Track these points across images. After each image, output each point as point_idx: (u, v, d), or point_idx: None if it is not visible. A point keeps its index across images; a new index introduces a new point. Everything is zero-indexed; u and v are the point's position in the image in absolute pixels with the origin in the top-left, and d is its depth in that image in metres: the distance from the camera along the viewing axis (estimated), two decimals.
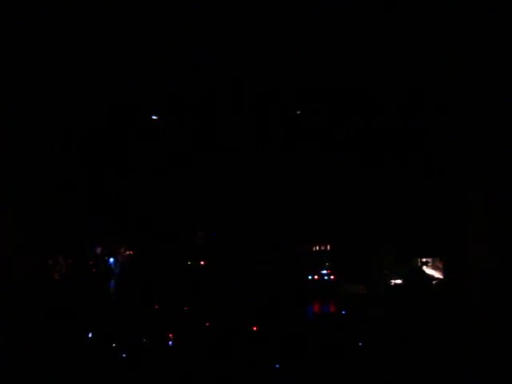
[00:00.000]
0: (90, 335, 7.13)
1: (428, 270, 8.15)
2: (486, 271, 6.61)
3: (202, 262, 8.46)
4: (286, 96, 7.85)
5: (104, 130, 7.77)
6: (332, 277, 8.55)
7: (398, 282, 8.22)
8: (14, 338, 6.42)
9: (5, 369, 5.97)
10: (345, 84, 7.46)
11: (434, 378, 5.76)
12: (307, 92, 7.75)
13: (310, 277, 8.59)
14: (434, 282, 8.01)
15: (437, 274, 8.06)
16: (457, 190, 7.43)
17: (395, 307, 7.73)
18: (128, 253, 8.21)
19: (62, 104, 7.27)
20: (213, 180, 8.58)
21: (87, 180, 7.92)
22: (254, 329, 7.61)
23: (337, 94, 7.67)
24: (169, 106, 7.87)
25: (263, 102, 7.92)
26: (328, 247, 8.76)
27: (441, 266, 7.95)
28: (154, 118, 8.14)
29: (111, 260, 8.06)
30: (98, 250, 8.05)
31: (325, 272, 8.60)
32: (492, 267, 6.64)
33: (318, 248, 8.81)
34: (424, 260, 8.29)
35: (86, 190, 7.95)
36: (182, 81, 7.38)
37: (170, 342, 7.39)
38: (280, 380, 6.41)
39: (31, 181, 7.13)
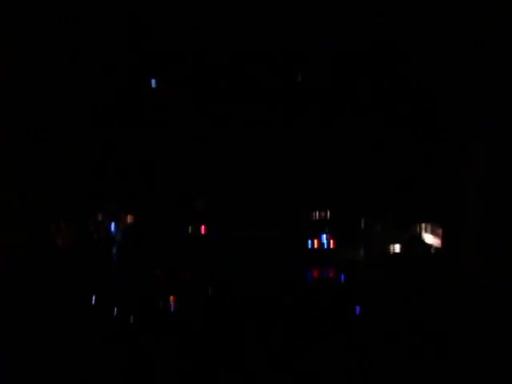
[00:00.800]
0: (93, 300, 7.25)
1: (427, 238, 8.19)
2: (486, 240, 6.65)
3: (202, 227, 8.50)
4: (283, 59, 7.79)
5: (103, 91, 7.71)
6: (331, 243, 8.61)
7: (397, 247, 8.28)
8: (16, 304, 6.51)
9: (7, 335, 6.08)
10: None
11: (431, 347, 5.88)
12: (304, 54, 7.70)
13: (309, 242, 8.64)
14: (432, 249, 8.07)
15: (436, 241, 8.10)
16: (456, 150, 7.40)
17: (394, 274, 7.83)
18: (129, 219, 8.24)
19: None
20: (213, 144, 8.54)
21: (88, 145, 7.89)
22: (254, 292, 7.73)
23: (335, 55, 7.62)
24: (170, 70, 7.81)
25: (259, 66, 7.85)
26: (328, 214, 8.78)
27: (440, 232, 7.99)
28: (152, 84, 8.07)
29: (112, 226, 8.10)
30: (100, 217, 8.07)
31: (324, 238, 8.64)
32: (492, 234, 6.67)
33: (317, 214, 8.83)
34: (424, 226, 8.32)
35: (86, 155, 7.93)
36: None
37: (172, 307, 7.52)
38: (279, 346, 6.55)
39: (32, 146, 7.11)
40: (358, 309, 7.16)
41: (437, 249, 8.03)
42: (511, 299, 6.12)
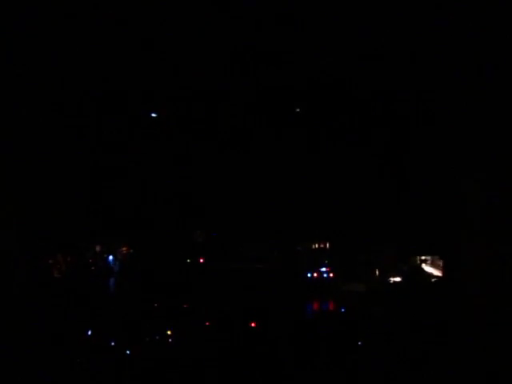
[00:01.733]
0: (89, 332, 7.13)
1: (427, 268, 8.16)
2: (486, 269, 6.60)
3: (201, 260, 8.46)
4: (284, 93, 7.88)
5: (102, 127, 7.76)
6: (331, 275, 8.56)
7: (398, 279, 8.22)
8: (15, 334, 6.40)
9: (6, 367, 5.95)
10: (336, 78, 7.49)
11: (433, 376, 5.77)
12: (303, 89, 7.78)
13: (309, 275, 8.59)
14: (433, 280, 8.02)
15: (436, 272, 8.06)
16: (454, 188, 7.42)
17: (395, 305, 7.74)
18: (127, 250, 8.20)
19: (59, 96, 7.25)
20: (212, 178, 8.57)
21: (85, 179, 7.91)
22: (253, 325, 7.62)
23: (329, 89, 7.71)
24: (168, 100, 7.88)
25: (260, 98, 7.93)
26: (327, 245, 8.77)
27: (440, 263, 7.95)
28: (153, 115, 8.12)
29: (110, 258, 8.05)
30: (98, 248, 8.04)
31: (324, 270, 8.60)
32: (492, 265, 6.63)
33: (317, 246, 8.81)
34: (423, 258, 8.30)
35: (85, 190, 7.94)
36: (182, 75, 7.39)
37: (170, 340, 7.39)
38: (280, 379, 6.41)
39: (30, 182, 7.11)
40: (359, 341, 7.04)
41: (437, 279, 7.98)
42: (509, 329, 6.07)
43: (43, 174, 7.34)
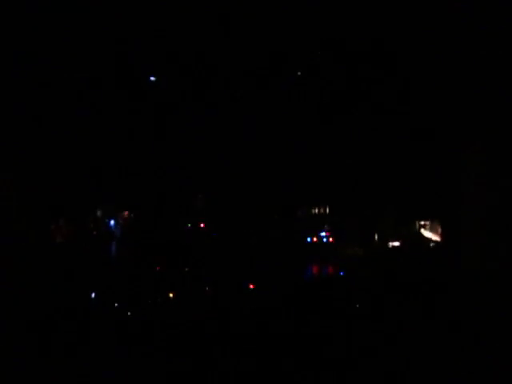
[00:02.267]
0: (92, 295, 7.26)
1: (426, 233, 8.22)
2: (486, 234, 6.65)
3: (201, 225, 8.51)
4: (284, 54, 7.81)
5: (100, 89, 7.71)
6: (330, 239, 8.62)
7: (396, 244, 8.30)
8: (16, 299, 6.50)
9: (6, 330, 6.07)
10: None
11: (430, 342, 5.88)
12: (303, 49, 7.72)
13: (308, 239, 8.65)
14: (431, 245, 8.09)
15: (435, 237, 8.13)
16: (453, 148, 7.41)
17: (393, 268, 7.84)
18: (128, 215, 8.25)
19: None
20: (212, 141, 8.55)
21: (85, 144, 7.89)
22: (252, 287, 7.73)
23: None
24: (168, 63, 7.81)
25: (261, 61, 7.86)
26: (327, 210, 8.80)
27: (439, 228, 8.01)
28: (152, 78, 8.05)
29: (112, 222, 8.11)
30: (99, 213, 8.08)
31: (323, 235, 8.66)
32: (492, 230, 6.67)
33: (316, 211, 8.85)
34: (422, 223, 8.34)
35: (85, 154, 7.93)
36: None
37: (172, 302, 7.53)
38: (278, 341, 6.53)
39: (30, 146, 7.11)
40: (357, 304, 7.16)
41: (436, 244, 8.06)
42: (510, 294, 6.14)
43: (43, 140, 7.33)
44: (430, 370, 5.64)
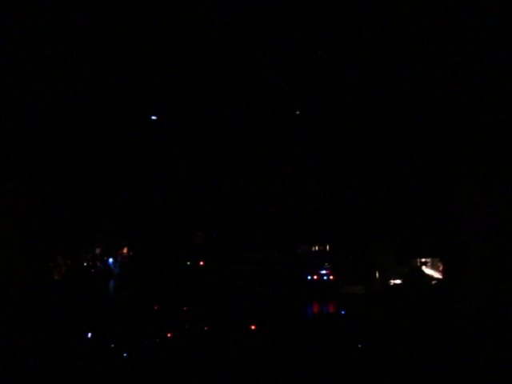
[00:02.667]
0: (89, 335, 7.13)
1: (427, 270, 8.15)
2: (487, 271, 6.59)
3: (201, 263, 8.45)
4: (285, 95, 7.88)
5: (101, 131, 7.77)
6: (331, 277, 8.55)
7: (398, 282, 8.21)
8: (15, 336, 6.42)
9: (6, 369, 5.96)
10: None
11: (432, 377, 5.75)
12: (303, 91, 7.79)
13: (309, 277, 8.58)
14: (433, 282, 8.01)
15: (436, 274, 8.05)
16: (455, 191, 7.41)
17: (394, 307, 7.73)
18: (127, 253, 8.21)
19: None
20: (212, 181, 8.57)
21: (85, 182, 7.92)
22: (253, 328, 7.61)
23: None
24: (168, 104, 7.89)
25: (262, 101, 7.94)
26: (327, 248, 8.76)
27: (440, 266, 7.94)
28: (153, 117, 8.13)
29: (110, 260, 8.06)
30: (97, 251, 8.04)
31: (324, 272, 8.59)
32: (492, 267, 6.62)
33: (317, 249, 8.80)
34: (423, 260, 8.28)
35: (84, 193, 7.95)
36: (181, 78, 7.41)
37: (170, 342, 7.39)
38: (280, 380, 6.39)
39: (31, 187, 7.13)
40: (359, 343, 7.02)
41: (437, 282, 7.97)
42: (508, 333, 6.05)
43: (43, 177, 7.36)
44: None
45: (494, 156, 6.73)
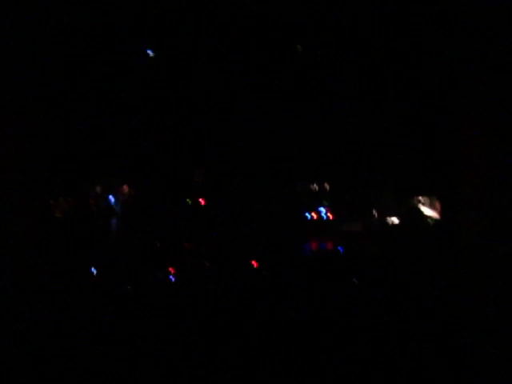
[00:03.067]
0: (93, 271, 7.30)
1: (425, 210, 8.24)
2: (486, 212, 6.66)
3: (201, 201, 8.50)
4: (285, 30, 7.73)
5: (101, 68, 7.63)
6: (329, 215, 8.65)
7: (395, 220, 8.33)
8: (17, 274, 6.54)
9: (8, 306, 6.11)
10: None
11: (428, 319, 5.94)
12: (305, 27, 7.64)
13: (307, 215, 8.67)
14: (430, 222, 8.12)
15: (434, 214, 8.15)
16: (453, 125, 7.40)
17: (391, 246, 7.90)
18: (128, 190, 8.23)
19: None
20: (212, 116, 8.51)
21: (85, 118, 7.84)
22: (254, 263, 7.79)
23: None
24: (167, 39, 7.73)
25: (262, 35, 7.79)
26: (326, 186, 8.80)
27: (439, 206, 8.04)
28: (149, 52, 7.97)
29: (111, 198, 8.10)
30: (98, 189, 8.07)
31: (322, 210, 8.68)
32: (491, 207, 6.69)
33: (316, 186, 8.85)
34: (421, 199, 8.35)
35: (84, 128, 7.89)
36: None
37: (172, 277, 7.58)
38: (276, 314, 6.60)
39: (29, 122, 7.05)
40: (355, 279, 7.23)
41: (435, 221, 8.09)
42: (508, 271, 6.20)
43: (43, 113, 7.27)
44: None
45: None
